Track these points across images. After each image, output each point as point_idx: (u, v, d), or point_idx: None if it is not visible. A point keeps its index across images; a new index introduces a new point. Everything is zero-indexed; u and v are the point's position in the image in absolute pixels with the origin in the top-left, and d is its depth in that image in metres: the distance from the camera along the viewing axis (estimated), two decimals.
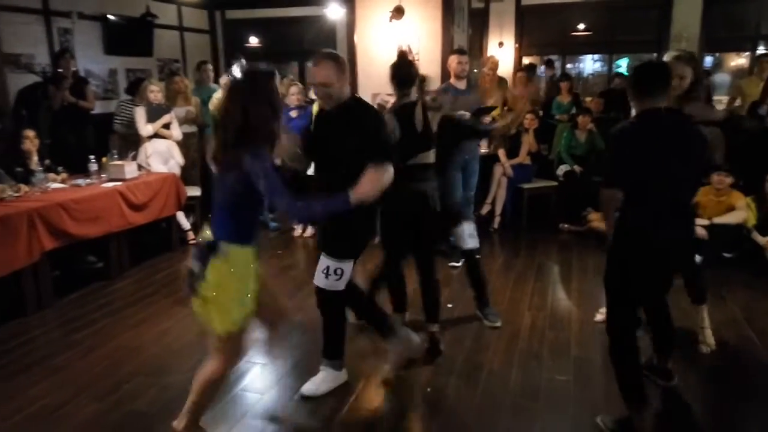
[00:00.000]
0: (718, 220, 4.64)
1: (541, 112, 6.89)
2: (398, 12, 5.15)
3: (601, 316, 3.59)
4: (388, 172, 2.42)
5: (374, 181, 2.21)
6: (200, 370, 2.40)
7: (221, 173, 2.22)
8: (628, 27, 8.75)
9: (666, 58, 3.08)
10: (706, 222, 4.63)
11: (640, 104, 2.57)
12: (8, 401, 2.92)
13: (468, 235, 3.75)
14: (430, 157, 3.29)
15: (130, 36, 7.51)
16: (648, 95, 2.52)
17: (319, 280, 2.83)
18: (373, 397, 2.98)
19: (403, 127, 3.16)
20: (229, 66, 6.02)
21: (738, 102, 6.34)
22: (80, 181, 4.70)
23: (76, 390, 3.02)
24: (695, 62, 3.09)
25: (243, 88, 2.20)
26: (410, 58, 3.81)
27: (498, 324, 3.74)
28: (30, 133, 4.61)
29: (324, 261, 2.80)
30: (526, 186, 5.99)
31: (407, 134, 3.16)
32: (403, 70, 3.24)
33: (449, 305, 4.04)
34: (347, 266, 2.80)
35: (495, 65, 6.87)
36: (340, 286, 2.82)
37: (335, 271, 2.77)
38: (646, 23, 8.53)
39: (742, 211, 4.67)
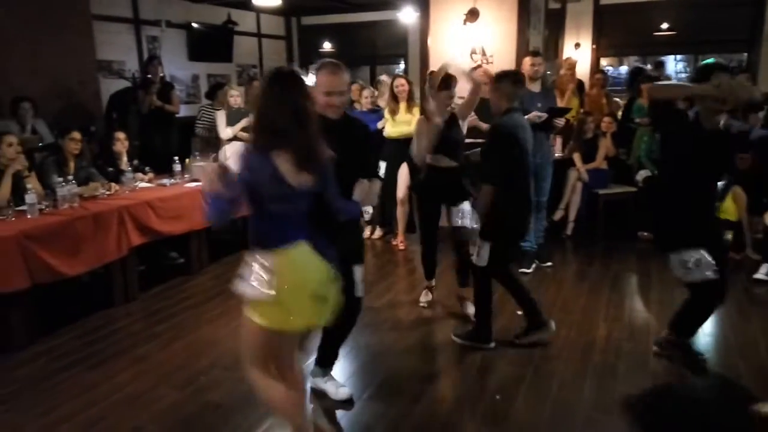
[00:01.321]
0: None
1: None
2: (473, 14, 5.10)
3: None
4: (377, 186, 2.65)
5: (369, 192, 2.47)
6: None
7: (315, 185, 2.14)
8: (716, 26, 8.25)
9: None
10: None
11: None
12: (96, 387, 3.11)
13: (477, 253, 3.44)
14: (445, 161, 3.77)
15: (212, 43, 7.86)
16: None
17: (360, 290, 2.82)
18: (443, 404, 2.96)
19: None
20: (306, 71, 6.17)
21: None
22: (165, 181, 4.95)
23: (156, 379, 3.19)
24: None
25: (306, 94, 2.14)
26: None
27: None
28: (121, 135, 4.91)
29: (359, 271, 2.77)
30: (602, 191, 5.78)
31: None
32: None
33: (519, 312, 3.96)
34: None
35: (572, 66, 6.68)
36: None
37: (362, 278, 2.80)
38: (736, 21, 8.02)
39: None
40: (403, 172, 5.48)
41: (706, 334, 3.58)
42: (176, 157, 5.24)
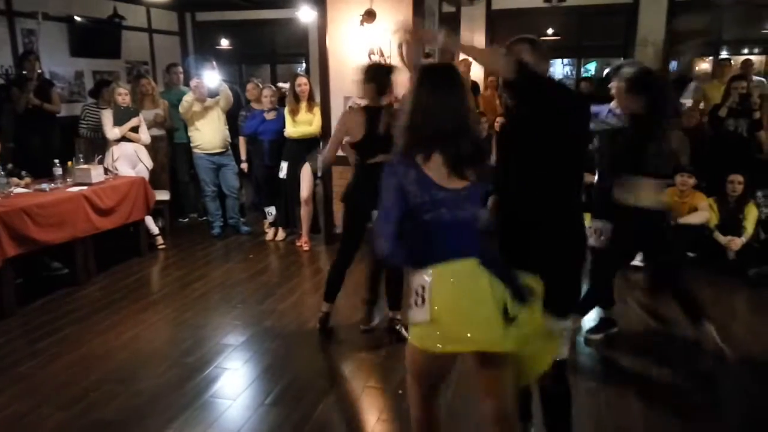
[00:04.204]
0: (681, 220, 4.77)
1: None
2: (369, 15, 5.16)
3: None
4: None
5: None
6: None
7: (474, 187, 1.90)
8: (596, 32, 8.90)
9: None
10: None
11: None
12: None
13: None
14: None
15: (97, 38, 7.38)
16: None
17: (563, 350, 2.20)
18: (347, 405, 2.98)
19: (368, 128, 3.35)
20: (198, 68, 5.95)
21: (702, 106, 6.51)
22: (45, 186, 4.60)
23: (40, 399, 2.96)
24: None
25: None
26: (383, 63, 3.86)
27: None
28: None
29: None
30: None
31: (370, 135, 3.34)
32: (380, 78, 3.41)
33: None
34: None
35: (468, 67, 6.95)
36: (565, 352, 2.24)
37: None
38: (613, 28, 8.69)
39: (704, 212, 4.81)
40: (306, 172, 5.44)
41: (588, 318, 3.85)
42: (57, 160, 4.89)
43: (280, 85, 5.88)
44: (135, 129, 5.40)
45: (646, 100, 3.02)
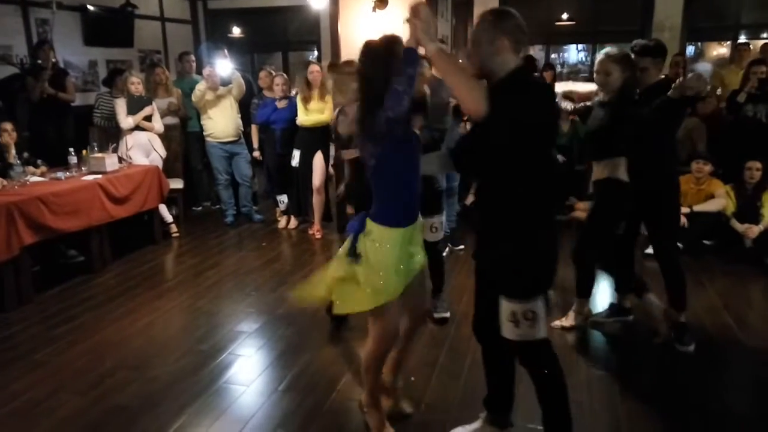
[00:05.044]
0: (698, 207, 4.71)
1: None
2: (381, 2, 5.12)
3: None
4: None
5: None
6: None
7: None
8: (612, 17, 8.75)
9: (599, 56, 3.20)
10: (686, 210, 4.70)
11: None
12: None
13: (428, 227, 3.34)
14: None
15: (110, 27, 7.39)
16: None
17: (509, 331, 2.18)
18: (359, 392, 2.99)
19: None
20: (211, 57, 5.95)
21: (719, 91, 6.39)
22: (60, 174, 4.64)
23: (57, 385, 3.00)
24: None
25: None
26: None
27: (445, 315, 3.69)
28: (8, 125, 4.53)
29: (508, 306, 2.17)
30: None
31: None
32: None
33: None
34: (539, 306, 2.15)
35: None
36: (540, 333, 2.17)
37: (525, 316, 2.13)
38: (629, 13, 8.53)
39: (721, 199, 4.74)
40: (318, 160, 5.44)
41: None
42: (72, 149, 4.93)
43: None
44: (148, 118, 5.43)
45: (627, 77, 3.08)
